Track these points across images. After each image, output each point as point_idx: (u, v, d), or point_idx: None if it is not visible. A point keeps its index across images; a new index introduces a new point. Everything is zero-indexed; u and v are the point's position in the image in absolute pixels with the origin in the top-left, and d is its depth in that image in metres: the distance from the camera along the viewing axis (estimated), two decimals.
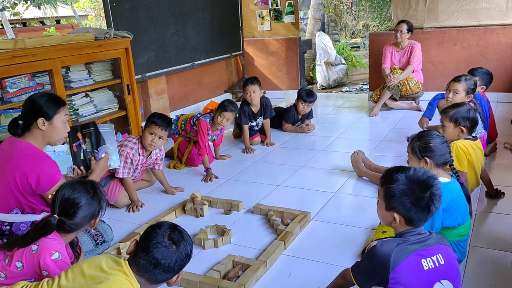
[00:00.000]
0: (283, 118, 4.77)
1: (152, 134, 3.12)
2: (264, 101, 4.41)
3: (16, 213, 2.19)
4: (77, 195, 1.84)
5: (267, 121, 4.44)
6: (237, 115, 4.07)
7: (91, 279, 1.53)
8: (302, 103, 4.61)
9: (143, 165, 3.28)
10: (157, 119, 3.14)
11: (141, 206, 3.15)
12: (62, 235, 1.87)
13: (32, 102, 2.27)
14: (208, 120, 3.78)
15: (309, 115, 4.82)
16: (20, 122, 2.28)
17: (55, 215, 1.81)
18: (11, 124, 2.29)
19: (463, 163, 2.60)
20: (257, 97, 4.27)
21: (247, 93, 4.23)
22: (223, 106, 3.78)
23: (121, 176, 3.14)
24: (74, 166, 2.68)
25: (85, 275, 1.55)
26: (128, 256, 1.62)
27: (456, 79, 3.36)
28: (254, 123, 4.41)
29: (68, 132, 2.44)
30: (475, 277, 2.17)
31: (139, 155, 3.18)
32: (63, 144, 2.59)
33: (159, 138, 3.14)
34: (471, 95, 3.30)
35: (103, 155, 2.73)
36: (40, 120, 2.25)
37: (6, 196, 2.20)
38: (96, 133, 2.82)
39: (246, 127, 4.29)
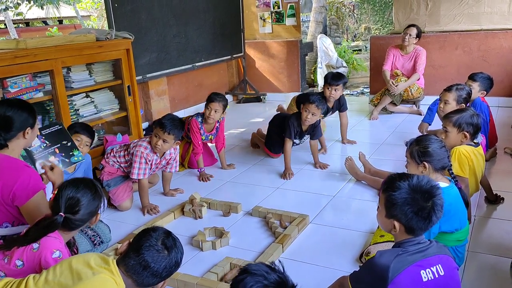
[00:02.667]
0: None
1: (156, 136, 3.09)
2: (315, 122, 3.81)
3: (7, 227, 2.16)
4: (81, 193, 1.87)
5: (315, 142, 3.92)
6: (228, 106, 3.78)
7: (77, 274, 1.54)
8: (328, 88, 4.09)
9: (158, 166, 3.26)
10: (164, 121, 3.07)
11: (155, 209, 3.14)
12: (63, 233, 1.89)
13: (19, 113, 2.17)
14: (199, 119, 3.71)
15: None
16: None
17: (61, 214, 1.83)
18: None
19: (465, 169, 2.59)
20: (313, 121, 3.68)
21: (307, 111, 3.61)
22: (209, 98, 3.66)
23: (135, 177, 3.11)
24: (42, 172, 2.51)
25: (72, 270, 1.55)
26: (118, 256, 1.64)
27: (447, 88, 3.35)
28: (297, 141, 3.92)
29: None
30: (473, 282, 2.17)
31: (153, 154, 3.15)
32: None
33: (163, 141, 3.07)
34: (463, 104, 3.27)
35: (42, 170, 2.50)
36: (27, 130, 2.19)
37: None
38: (57, 132, 2.72)
39: (289, 143, 3.73)
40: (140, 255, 1.57)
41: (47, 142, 2.66)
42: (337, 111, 4.40)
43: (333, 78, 4.09)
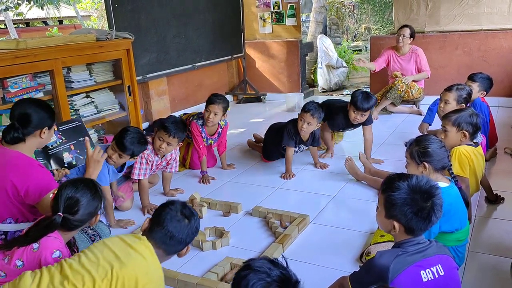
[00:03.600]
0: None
1: (160, 139, 3.08)
2: (315, 132, 3.70)
3: (10, 223, 2.17)
4: (80, 193, 1.88)
5: (314, 148, 3.85)
6: (229, 109, 3.71)
7: (119, 251, 1.65)
8: (354, 111, 3.59)
9: (158, 166, 3.26)
10: (168, 124, 3.04)
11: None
12: (63, 233, 1.89)
13: (38, 112, 2.22)
14: (200, 122, 3.65)
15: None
16: (17, 130, 2.17)
17: (59, 213, 1.83)
18: (12, 131, 2.18)
19: (465, 169, 2.59)
20: (309, 130, 3.58)
21: (302, 120, 3.52)
22: (208, 100, 3.57)
23: (136, 178, 3.11)
24: (55, 168, 2.60)
25: (111, 249, 1.66)
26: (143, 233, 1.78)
27: (447, 88, 3.34)
28: (296, 149, 3.78)
29: None
30: (473, 283, 2.17)
31: (154, 155, 3.16)
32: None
33: (167, 144, 3.07)
34: (463, 104, 3.27)
35: (54, 166, 2.55)
36: (45, 129, 2.24)
37: None
38: (75, 128, 2.75)
39: (290, 151, 3.65)
40: (165, 227, 1.73)
41: (63, 138, 2.67)
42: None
43: (362, 102, 3.49)
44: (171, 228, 1.73)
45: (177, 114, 5.44)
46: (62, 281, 1.57)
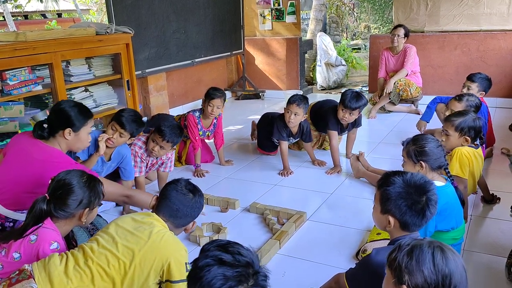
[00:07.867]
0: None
1: (154, 141, 3.05)
2: (304, 125, 3.72)
3: (22, 213, 2.18)
4: (69, 177, 1.90)
5: (309, 144, 3.86)
6: (226, 100, 3.68)
7: (133, 228, 1.75)
8: (343, 109, 3.52)
9: (154, 165, 3.25)
10: (164, 128, 3.00)
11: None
12: (59, 225, 1.89)
13: (62, 112, 2.28)
14: (196, 114, 3.69)
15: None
16: (45, 126, 2.28)
17: (45, 195, 1.86)
18: (37, 128, 2.27)
19: (465, 170, 2.60)
20: (297, 121, 3.58)
21: (288, 112, 3.52)
22: (209, 95, 3.61)
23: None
24: None
25: (125, 228, 1.76)
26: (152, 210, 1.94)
27: (458, 98, 3.23)
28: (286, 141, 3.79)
29: None
30: (468, 281, 2.18)
31: (148, 156, 3.15)
32: None
33: (160, 147, 3.04)
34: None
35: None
36: (67, 130, 2.27)
37: (18, 195, 2.17)
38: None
39: (284, 145, 3.66)
40: (171, 200, 1.87)
41: None
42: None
43: (351, 101, 3.44)
44: (177, 201, 1.87)
45: (175, 110, 5.46)
46: (87, 262, 1.66)
